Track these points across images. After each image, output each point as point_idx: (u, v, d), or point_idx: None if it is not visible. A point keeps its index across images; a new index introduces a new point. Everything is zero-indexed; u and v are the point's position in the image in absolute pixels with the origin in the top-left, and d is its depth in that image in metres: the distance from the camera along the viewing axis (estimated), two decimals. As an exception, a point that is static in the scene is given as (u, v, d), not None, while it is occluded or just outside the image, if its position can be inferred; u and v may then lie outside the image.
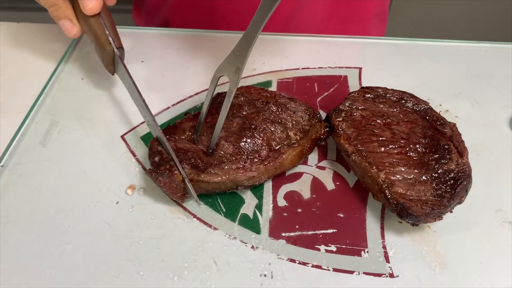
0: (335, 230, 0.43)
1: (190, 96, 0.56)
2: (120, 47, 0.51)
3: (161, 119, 0.53)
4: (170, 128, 0.47)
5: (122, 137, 0.51)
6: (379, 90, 0.48)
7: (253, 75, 0.58)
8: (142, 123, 0.53)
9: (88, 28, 0.50)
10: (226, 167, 0.42)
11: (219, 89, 0.51)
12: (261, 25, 0.42)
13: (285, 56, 0.61)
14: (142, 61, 0.61)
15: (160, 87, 0.57)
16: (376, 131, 0.45)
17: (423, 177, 0.42)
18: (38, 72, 0.59)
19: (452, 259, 0.41)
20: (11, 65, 0.60)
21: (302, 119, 0.47)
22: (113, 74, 0.52)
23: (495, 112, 0.54)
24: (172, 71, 0.59)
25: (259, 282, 0.40)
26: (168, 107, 0.55)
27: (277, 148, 0.44)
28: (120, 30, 0.64)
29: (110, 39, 0.49)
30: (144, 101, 0.45)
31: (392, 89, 0.48)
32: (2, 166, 0.48)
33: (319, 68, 0.60)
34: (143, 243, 0.42)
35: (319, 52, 0.62)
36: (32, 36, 0.64)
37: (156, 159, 0.42)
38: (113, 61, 0.50)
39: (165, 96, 0.56)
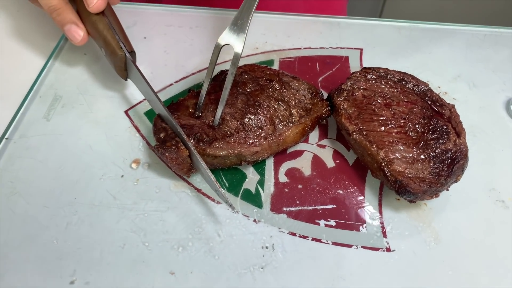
0: (334, 206, 0.44)
1: (193, 73, 0.56)
2: (132, 51, 0.49)
3: (164, 96, 0.54)
4: (173, 105, 0.48)
5: (126, 112, 0.52)
6: (381, 71, 0.49)
7: (256, 54, 0.59)
8: (145, 99, 0.53)
9: (96, 33, 0.48)
10: (231, 141, 0.43)
11: (220, 68, 0.52)
12: None
13: (288, 36, 0.61)
14: (145, 38, 0.61)
15: (163, 63, 0.57)
16: (376, 111, 0.46)
17: (422, 156, 0.43)
18: (41, 46, 0.59)
19: (446, 235, 0.43)
20: (14, 38, 0.60)
21: (305, 97, 0.48)
22: (125, 80, 0.50)
23: (491, 95, 0.55)
24: (175, 48, 0.59)
25: (261, 254, 0.41)
26: (171, 84, 0.55)
27: (280, 125, 0.45)
28: (123, 6, 0.64)
29: (121, 43, 0.47)
30: (162, 103, 0.44)
31: (393, 70, 0.49)
32: (6, 139, 0.49)
33: (321, 48, 0.60)
34: (148, 215, 0.43)
35: (321, 32, 0.62)
36: (34, 9, 0.64)
37: (162, 135, 0.43)
38: (125, 66, 0.48)
39: (168, 73, 0.56)
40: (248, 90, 0.47)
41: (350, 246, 0.42)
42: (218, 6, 0.65)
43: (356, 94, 0.47)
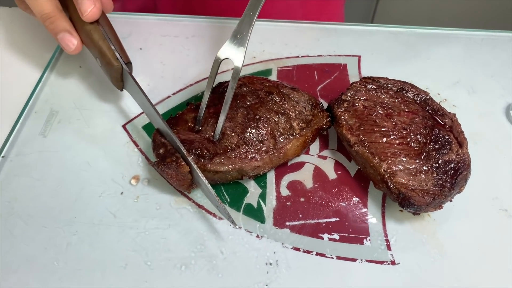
0: (337, 219, 0.44)
1: (191, 85, 0.55)
2: (128, 62, 0.48)
3: (162, 109, 0.53)
4: (172, 119, 0.47)
5: (124, 126, 0.51)
6: (381, 80, 0.49)
7: (253, 63, 0.58)
8: (143, 112, 0.52)
9: (91, 42, 0.47)
10: (232, 156, 0.43)
11: (218, 79, 0.51)
12: (259, 5, 0.44)
13: (285, 44, 0.61)
14: (141, 49, 0.60)
15: (160, 75, 0.57)
16: (378, 122, 0.46)
17: (424, 167, 0.43)
18: (36, 58, 0.58)
19: (451, 246, 0.42)
20: (7, 53, 0.59)
21: (305, 109, 0.47)
22: (121, 90, 0.49)
23: (491, 101, 0.55)
24: (172, 59, 0.59)
25: (264, 270, 0.41)
26: (169, 96, 0.54)
27: (280, 138, 0.45)
28: (118, 16, 0.63)
29: (117, 54, 0.46)
30: (159, 115, 0.43)
31: (393, 79, 0.49)
32: (3, 157, 0.48)
33: (318, 56, 0.60)
34: (149, 233, 0.43)
35: (318, 40, 0.62)
36: (27, 22, 0.63)
37: (161, 151, 0.43)
38: (121, 77, 0.47)
39: (165, 85, 0.55)
40: (248, 103, 0.46)
41: (354, 260, 0.42)
42: (215, 15, 0.64)
43: (357, 104, 0.47)
